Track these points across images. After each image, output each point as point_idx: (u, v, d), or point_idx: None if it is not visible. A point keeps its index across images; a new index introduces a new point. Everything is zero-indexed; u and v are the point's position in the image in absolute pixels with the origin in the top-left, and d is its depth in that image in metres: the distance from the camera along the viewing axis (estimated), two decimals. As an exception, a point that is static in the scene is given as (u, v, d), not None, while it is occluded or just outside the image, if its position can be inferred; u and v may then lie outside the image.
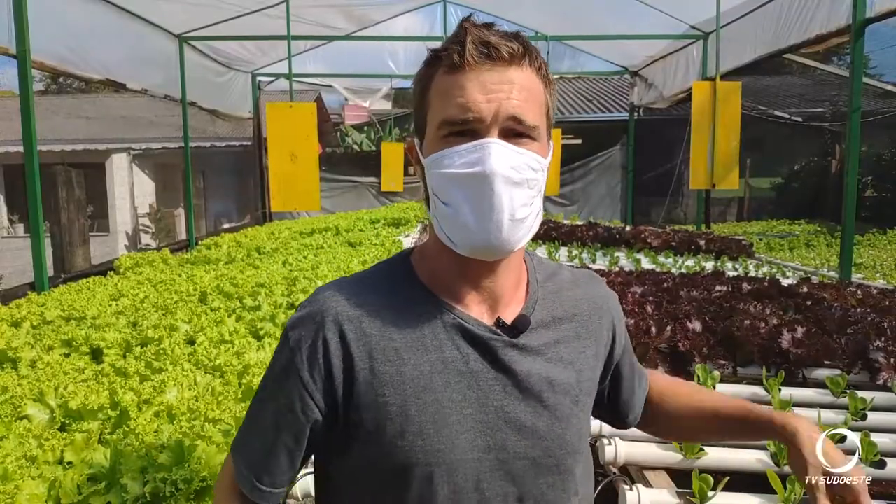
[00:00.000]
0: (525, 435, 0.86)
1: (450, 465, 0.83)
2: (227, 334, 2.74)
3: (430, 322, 0.87)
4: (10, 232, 14.86)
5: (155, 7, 7.04)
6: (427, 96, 0.86)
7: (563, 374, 0.89)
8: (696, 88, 6.49)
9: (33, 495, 1.47)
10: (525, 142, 0.83)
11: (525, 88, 0.83)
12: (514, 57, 0.83)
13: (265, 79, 10.85)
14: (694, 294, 3.20)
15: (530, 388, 0.87)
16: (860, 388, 2.25)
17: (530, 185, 0.83)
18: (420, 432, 0.83)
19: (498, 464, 0.85)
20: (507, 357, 0.86)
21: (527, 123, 0.82)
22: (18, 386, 2.15)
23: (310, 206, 6.05)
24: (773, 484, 1.58)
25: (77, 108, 15.42)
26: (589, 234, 6.11)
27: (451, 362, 0.85)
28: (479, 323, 0.87)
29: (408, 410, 0.83)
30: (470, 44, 0.81)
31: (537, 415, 0.86)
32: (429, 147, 0.86)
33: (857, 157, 5.08)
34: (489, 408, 0.85)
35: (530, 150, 0.83)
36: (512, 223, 0.81)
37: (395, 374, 0.84)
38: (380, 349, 0.85)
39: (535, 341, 0.89)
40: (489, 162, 0.80)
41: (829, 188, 13.41)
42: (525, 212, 0.83)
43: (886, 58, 9.52)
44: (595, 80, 16.38)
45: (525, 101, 0.83)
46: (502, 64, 0.82)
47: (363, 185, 13.32)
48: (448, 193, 0.83)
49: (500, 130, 0.82)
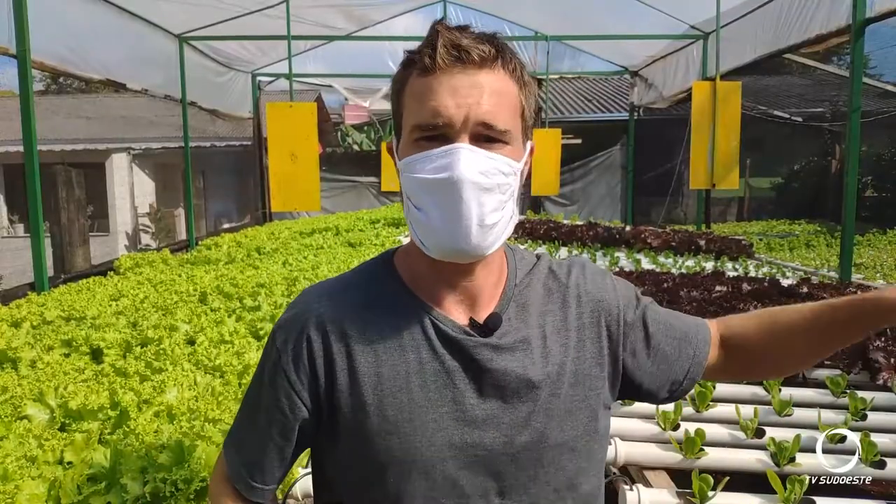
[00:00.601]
0: (502, 431, 0.86)
1: (426, 463, 0.85)
2: (227, 334, 2.75)
3: (408, 323, 0.88)
4: (10, 232, 14.86)
5: (155, 7, 7.04)
6: (402, 98, 0.87)
7: (542, 369, 0.89)
8: (696, 88, 6.49)
9: (33, 495, 1.47)
10: (496, 146, 0.83)
11: (496, 92, 0.83)
12: (486, 60, 0.82)
13: (265, 79, 10.85)
14: (694, 294, 3.20)
15: (506, 386, 0.87)
16: (860, 388, 2.25)
17: (501, 189, 0.83)
18: (396, 431, 0.85)
19: (476, 459, 0.86)
20: (481, 356, 0.87)
21: (497, 128, 0.82)
22: (18, 386, 2.15)
23: (310, 206, 6.04)
24: (773, 484, 1.58)
25: (77, 108, 15.41)
26: (589, 234, 6.11)
27: (427, 362, 0.87)
28: (454, 324, 0.89)
29: (384, 410, 0.85)
30: (441, 47, 0.81)
31: (514, 410, 0.87)
32: (403, 150, 0.87)
33: (857, 157, 5.08)
34: (465, 406, 0.86)
35: (501, 155, 0.83)
36: (481, 228, 0.82)
37: (373, 375, 0.86)
38: (359, 350, 0.87)
39: (509, 338, 0.89)
40: (458, 168, 0.80)
41: (829, 188, 13.41)
42: (495, 217, 0.83)
43: (886, 58, 9.52)
44: (595, 80, 16.37)
45: (495, 105, 0.82)
46: (473, 67, 0.82)
47: (363, 185, 13.32)
48: (419, 198, 0.84)
49: (470, 136, 0.82)
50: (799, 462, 1.76)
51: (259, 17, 8.11)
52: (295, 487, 1.70)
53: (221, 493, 0.96)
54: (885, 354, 2.37)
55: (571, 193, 12.89)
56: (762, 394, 2.21)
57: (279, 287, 3.68)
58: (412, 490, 0.85)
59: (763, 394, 2.21)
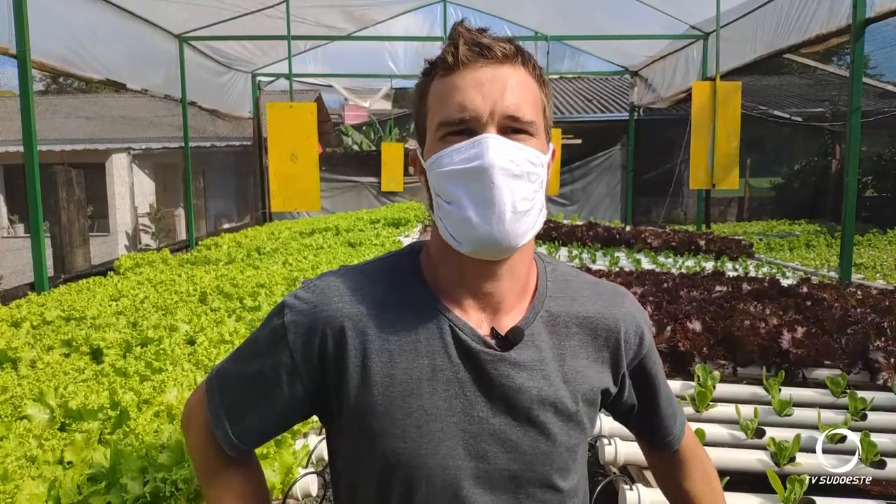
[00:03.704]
0: (508, 448, 0.86)
1: (429, 470, 0.84)
2: (227, 334, 2.74)
3: (425, 326, 0.87)
4: (10, 232, 14.86)
5: (155, 7, 7.04)
6: (426, 103, 0.88)
7: (557, 392, 0.87)
8: (696, 88, 6.49)
9: (33, 495, 1.47)
10: (523, 137, 0.84)
11: (520, 85, 0.84)
12: (507, 56, 0.84)
13: (265, 79, 10.85)
14: (694, 294, 3.20)
15: (518, 404, 0.86)
16: (860, 388, 2.25)
17: (531, 178, 0.83)
18: (402, 435, 0.84)
19: (478, 472, 0.86)
20: (496, 370, 0.86)
21: (523, 119, 0.83)
22: (18, 386, 2.15)
23: (310, 206, 6.04)
24: (773, 484, 1.58)
25: (77, 108, 15.42)
26: (589, 234, 6.11)
27: (440, 370, 0.86)
28: (474, 332, 0.87)
29: (393, 413, 0.84)
30: (463, 44, 0.83)
31: (523, 430, 0.86)
32: (429, 150, 0.87)
33: (857, 157, 5.08)
34: (473, 418, 0.85)
35: (528, 146, 0.84)
36: (514, 215, 0.81)
37: (385, 376, 0.85)
38: (374, 349, 0.85)
39: (529, 356, 0.87)
40: (487, 155, 0.80)
41: (829, 188, 13.40)
42: (526, 205, 0.83)
43: (886, 58, 9.50)
44: (595, 80, 16.38)
45: (520, 97, 0.83)
46: (495, 62, 0.83)
47: (363, 185, 13.32)
48: (449, 191, 0.83)
49: (497, 127, 0.82)
50: (799, 462, 1.76)
51: (259, 17, 8.12)
52: (295, 487, 1.70)
53: (201, 434, 0.94)
54: (885, 354, 2.37)
55: (571, 193, 12.90)
56: (762, 394, 2.21)
57: (279, 287, 3.68)
58: (414, 495, 0.85)
59: (763, 394, 2.21)
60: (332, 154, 14.35)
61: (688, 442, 1.08)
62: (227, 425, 0.90)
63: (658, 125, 11.92)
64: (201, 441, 0.94)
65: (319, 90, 12.59)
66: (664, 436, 1.05)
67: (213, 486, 0.95)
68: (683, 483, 1.08)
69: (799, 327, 2.51)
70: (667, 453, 1.08)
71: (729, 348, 2.47)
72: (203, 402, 0.93)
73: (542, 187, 0.86)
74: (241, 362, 0.92)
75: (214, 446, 0.92)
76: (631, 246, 5.90)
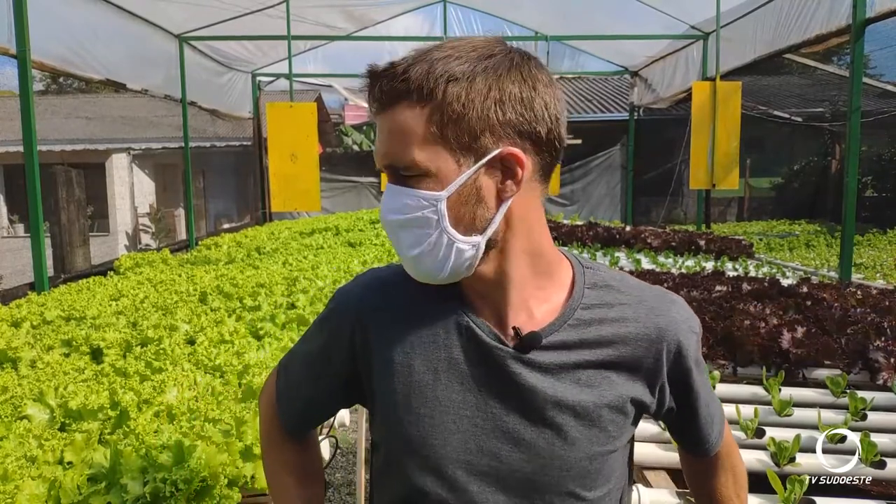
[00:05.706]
0: (521, 448, 0.85)
1: (439, 461, 0.86)
2: (227, 334, 2.74)
3: (446, 320, 0.90)
4: (10, 232, 14.87)
5: (155, 7, 7.04)
6: None
7: (578, 396, 0.86)
8: (696, 88, 6.49)
9: (33, 495, 1.47)
10: (413, 181, 0.82)
11: (397, 130, 0.82)
12: (394, 97, 0.81)
13: (265, 79, 10.85)
14: (694, 294, 3.20)
15: (532, 404, 0.85)
16: (860, 388, 2.25)
17: (419, 223, 0.83)
18: (417, 423, 0.88)
19: (489, 470, 0.86)
20: (511, 369, 0.86)
21: (397, 166, 0.83)
22: (18, 386, 2.15)
23: (310, 206, 6.04)
24: (773, 484, 1.58)
25: (77, 108, 15.43)
26: (589, 234, 6.11)
27: (456, 363, 0.88)
28: (490, 329, 0.88)
29: (410, 401, 0.88)
30: (369, 96, 0.85)
31: (538, 431, 0.85)
32: None
33: (857, 157, 5.08)
34: (486, 414, 0.86)
35: (418, 189, 0.82)
36: (413, 259, 0.86)
37: (406, 365, 0.89)
38: (397, 340, 0.90)
39: (548, 359, 0.86)
40: (383, 209, 0.87)
41: (829, 188, 13.40)
42: (416, 250, 0.84)
43: (886, 58, 9.50)
44: (595, 80, 16.37)
45: (398, 143, 0.82)
46: (387, 110, 0.83)
47: (363, 185, 13.33)
48: None
49: (389, 177, 0.87)
50: (799, 462, 1.76)
51: (259, 17, 8.11)
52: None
53: (270, 420, 1.05)
54: (885, 354, 2.37)
55: (571, 193, 12.90)
56: (762, 394, 2.21)
57: (279, 287, 3.68)
58: (424, 485, 0.87)
59: (763, 394, 2.21)
60: (332, 154, 14.35)
61: (723, 447, 1.06)
62: (286, 402, 1.01)
63: (658, 125, 11.92)
64: (266, 415, 1.05)
65: (319, 90, 12.60)
66: (700, 443, 1.03)
67: (271, 460, 1.06)
68: (709, 483, 1.09)
69: (799, 327, 2.51)
70: (701, 458, 1.07)
71: (729, 348, 2.47)
72: (274, 378, 1.05)
73: (440, 226, 0.82)
74: (302, 343, 1.03)
75: (277, 421, 1.03)
76: (631, 246, 5.90)
